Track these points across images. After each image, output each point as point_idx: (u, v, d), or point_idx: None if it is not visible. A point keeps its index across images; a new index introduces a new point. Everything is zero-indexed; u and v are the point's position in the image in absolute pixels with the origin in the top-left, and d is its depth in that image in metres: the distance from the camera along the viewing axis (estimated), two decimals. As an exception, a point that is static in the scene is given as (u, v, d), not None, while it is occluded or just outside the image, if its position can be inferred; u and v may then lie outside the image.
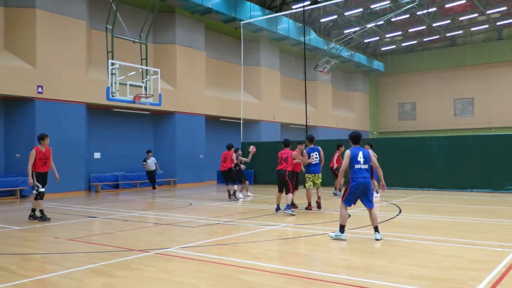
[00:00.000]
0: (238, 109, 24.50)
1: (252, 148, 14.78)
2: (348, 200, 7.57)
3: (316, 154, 11.70)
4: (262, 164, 22.01)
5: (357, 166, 7.46)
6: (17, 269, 5.87)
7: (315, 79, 34.18)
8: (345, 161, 7.57)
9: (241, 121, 24.17)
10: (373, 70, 42.86)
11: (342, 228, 7.53)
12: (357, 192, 7.48)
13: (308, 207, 11.79)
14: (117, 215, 11.51)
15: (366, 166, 7.51)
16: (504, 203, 13.27)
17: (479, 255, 6.36)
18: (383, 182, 7.82)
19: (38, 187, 10.27)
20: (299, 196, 13.04)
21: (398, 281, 5.06)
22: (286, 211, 10.69)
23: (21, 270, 5.83)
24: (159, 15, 20.72)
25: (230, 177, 15.01)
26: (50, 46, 17.04)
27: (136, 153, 21.00)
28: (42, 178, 10.39)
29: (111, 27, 14.12)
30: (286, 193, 10.94)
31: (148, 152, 19.52)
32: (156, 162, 19.40)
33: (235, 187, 15.03)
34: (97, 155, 19.93)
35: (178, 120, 22.36)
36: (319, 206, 11.76)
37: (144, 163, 19.18)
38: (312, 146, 11.86)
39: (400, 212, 11.20)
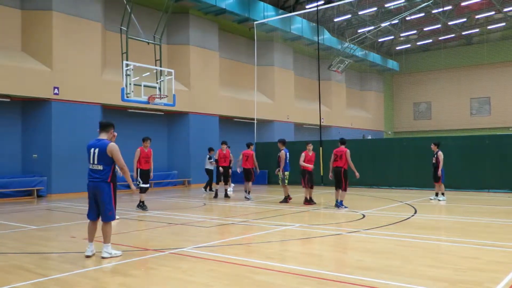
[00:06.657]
0: (251, 109, 24.50)
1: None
2: None
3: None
4: (275, 165, 21.92)
5: None
6: (34, 268, 5.95)
7: (329, 78, 34.04)
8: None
9: (255, 121, 24.17)
10: (387, 70, 42.50)
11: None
12: None
13: (289, 198, 14.08)
14: (132, 215, 11.60)
15: None
16: (522, 203, 13.03)
17: (497, 257, 6.26)
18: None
19: (139, 182, 11.77)
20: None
21: (414, 282, 5.00)
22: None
23: (38, 269, 5.91)
24: (173, 16, 20.83)
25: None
26: (66, 48, 17.26)
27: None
28: (145, 174, 11.98)
29: (125, 29, 14.25)
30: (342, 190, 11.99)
31: (210, 150, 18.00)
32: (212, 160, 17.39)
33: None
34: (112, 155, 20.05)
35: (192, 121, 22.45)
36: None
37: (211, 160, 17.57)
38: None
39: (415, 212, 11.09)
